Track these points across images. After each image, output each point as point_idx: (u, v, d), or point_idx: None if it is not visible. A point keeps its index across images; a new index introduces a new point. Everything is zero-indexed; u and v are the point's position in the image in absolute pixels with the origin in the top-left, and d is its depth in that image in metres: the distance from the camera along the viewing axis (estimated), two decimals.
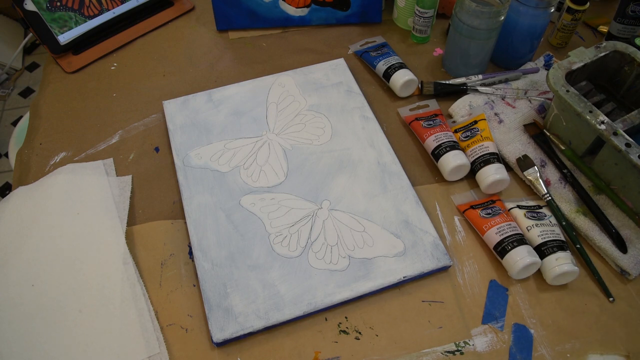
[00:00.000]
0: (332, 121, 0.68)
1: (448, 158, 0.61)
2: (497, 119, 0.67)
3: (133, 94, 0.74)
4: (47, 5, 0.74)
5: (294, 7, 0.81)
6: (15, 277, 0.54)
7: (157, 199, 0.62)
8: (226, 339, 0.50)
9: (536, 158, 0.63)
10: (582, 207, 0.59)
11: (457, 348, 0.51)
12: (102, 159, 0.66)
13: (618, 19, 0.74)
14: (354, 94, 0.71)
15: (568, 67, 0.60)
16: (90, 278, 0.54)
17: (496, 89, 0.70)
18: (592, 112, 0.55)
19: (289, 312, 0.51)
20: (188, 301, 0.54)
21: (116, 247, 0.56)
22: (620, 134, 0.54)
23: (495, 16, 0.65)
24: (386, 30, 0.83)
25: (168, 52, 0.80)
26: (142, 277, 0.55)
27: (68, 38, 0.77)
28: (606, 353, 0.51)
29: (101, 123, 0.71)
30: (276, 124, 0.68)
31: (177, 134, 0.67)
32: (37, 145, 0.68)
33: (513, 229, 0.55)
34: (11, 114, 1.72)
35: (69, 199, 0.60)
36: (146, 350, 0.50)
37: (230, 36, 0.82)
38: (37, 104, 0.74)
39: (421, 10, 0.75)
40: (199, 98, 0.71)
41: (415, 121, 0.66)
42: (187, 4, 0.87)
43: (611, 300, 0.54)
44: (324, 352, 0.51)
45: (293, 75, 0.74)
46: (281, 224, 0.58)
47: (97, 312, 0.52)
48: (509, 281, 0.55)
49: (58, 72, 0.78)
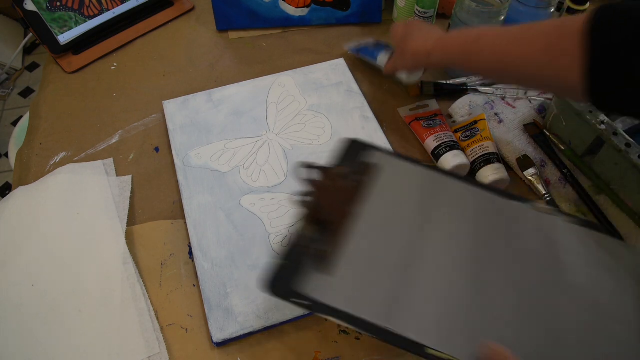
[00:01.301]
0: (332, 121, 0.68)
1: (448, 158, 0.61)
2: (497, 119, 0.67)
3: (133, 94, 0.74)
4: (47, 5, 0.74)
5: (294, 7, 0.81)
6: (15, 277, 0.54)
7: (157, 199, 0.62)
8: (226, 339, 0.50)
9: (536, 158, 0.63)
10: (582, 207, 0.59)
11: None
12: (102, 159, 0.66)
13: None
14: (354, 94, 0.71)
15: None
16: (90, 278, 0.54)
17: (496, 89, 0.70)
18: (592, 112, 0.55)
19: (289, 312, 0.51)
20: (188, 301, 0.54)
21: (116, 247, 0.56)
22: (620, 134, 0.54)
23: (495, 16, 0.65)
24: (386, 31, 0.83)
25: (168, 52, 0.80)
26: (142, 277, 0.55)
27: (68, 38, 0.77)
28: None
29: (101, 123, 0.71)
30: (276, 124, 0.68)
31: (177, 134, 0.67)
32: (37, 145, 0.68)
33: None
34: (11, 114, 1.72)
35: (69, 199, 0.60)
36: (146, 350, 0.50)
37: (230, 36, 0.82)
38: (37, 104, 0.74)
39: (421, 10, 0.75)
40: (199, 98, 0.71)
41: (415, 121, 0.66)
42: (187, 4, 0.87)
43: None
44: (324, 352, 0.50)
45: (293, 75, 0.74)
46: (281, 224, 0.58)
47: (97, 312, 0.52)
48: None
49: (58, 72, 0.78)
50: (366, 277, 0.45)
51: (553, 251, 0.47)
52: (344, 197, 0.49)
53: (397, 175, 0.53)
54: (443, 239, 0.48)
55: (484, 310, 0.43)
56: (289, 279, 0.44)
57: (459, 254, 0.47)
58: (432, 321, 0.42)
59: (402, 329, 0.42)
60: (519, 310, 0.43)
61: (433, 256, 0.46)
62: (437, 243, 0.47)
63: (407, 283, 0.44)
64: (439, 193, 0.51)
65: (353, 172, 0.52)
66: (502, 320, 0.42)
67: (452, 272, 0.45)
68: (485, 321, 0.42)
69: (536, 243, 0.47)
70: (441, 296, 0.44)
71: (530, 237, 0.48)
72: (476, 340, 0.41)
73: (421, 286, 0.44)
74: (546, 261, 0.46)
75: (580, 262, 0.46)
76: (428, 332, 0.41)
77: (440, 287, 0.44)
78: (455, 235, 0.48)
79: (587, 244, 0.47)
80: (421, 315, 0.42)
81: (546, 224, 0.48)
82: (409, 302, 0.43)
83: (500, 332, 0.42)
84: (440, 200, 0.51)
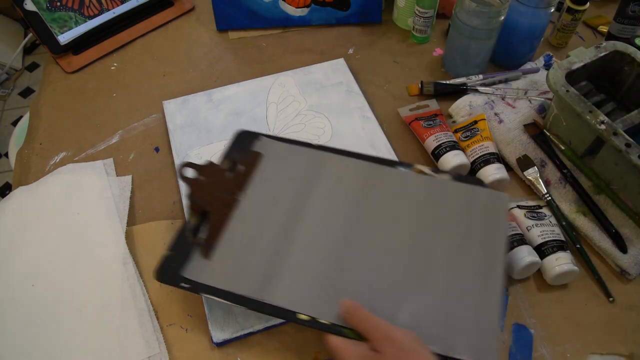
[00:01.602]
0: (332, 121, 0.68)
1: (448, 158, 0.61)
2: (497, 119, 0.67)
3: (133, 94, 0.74)
4: (47, 5, 0.74)
5: (294, 7, 0.81)
6: (15, 277, 0.54)
7: (157, 199, 0.62)
8: (226, 339, 0.50)
9: (536, 158, 0.63)
10: (582, 207, 0.59)
11: None
12: (102, 159, 0.66)
13: (618, 19, 0.74)
14: (354, 94, 0.71)
15: (568, 67, 0.60)
16: (90, 278, 0.54)
17: (496, 89, 0.70)
18: (592, 112, 0.55)
19: None
20: (188, 301, 0.54)
21: (116, 247, 0.56)
22: (620, 134, 0.54)
23: (495, 16, 0.65)
24: (386, 31, 0.83)
25: (168, 52, 0.80)
26: (142, 277, 0.55)
27: (68, 38, 0.77)
28: (606, 353, 0.51)
29: (101, 123, 0.71)
30: (276, 124, 0.68)
31: (177, 134, 0.67)
32: (37, 145, 0.68)
33: (513, 229, 0.55)
34: (11, 114, 1.72)
35: (69, 199, 0.60)
36: (146, 350, 0.50)
37: (230, 36, 0.82)
38: (37, 104, 0.74)
39: (421, 10, 0.75)
40: (199, 98, 0.71)
41: (415, 121, 0.66)
42: (187, 4, 0.87)
43: (611, 300, 0.54)
44: (323, 353, 0.50)
45: (293, 75, 0.74)
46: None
47: (97, 312, 0.52)
48: (509, 281, 0.55)
49: (58, 72, 0.78)
50: (243, 257, 0.51)
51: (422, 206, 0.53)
52: (225, 188, 0.55)
53: (283, 158, 0.58)
54: (320, 212, 0.53)
55: (348, 272, 0.49)
56: (177, 267, 0.50)
57: (334, 225, 0.52)
58: (302, 289, 0.48)
59: (275, 300, 0.47)
60: (377, 266, 0.49)
61: (308, 230, 0.52)
62: (314, 217, 0.53)
63: (281, 258, 0.50)
64: (323, 170, 0.57)
65: (239, 162, 0.58)
66: (363, 279, 0.48)
67: (325, 242, 0.51)
68: (348, 282, 0.48)
69: (409, 201, 0.54)
70: (311, 266, 0.49)
71: (404, 197, 0.54)
72: (336, 298, 0.46)
73: (293, 259, 0.50)
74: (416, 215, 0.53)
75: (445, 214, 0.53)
76: (299, 300, 0.47)
77: (311, 258, 0.50)
78: (332, 208, 0.53)
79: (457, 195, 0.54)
80: (292, 285, 0.48)
81: (421, 183, 0.55)
82: (281, 275, 0.49)
83: (360, 288, 0.48)
84: (323, 177, 0.56)
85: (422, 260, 0.49)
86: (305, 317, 0.46)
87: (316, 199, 0.54)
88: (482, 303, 0.46)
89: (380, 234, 0.51)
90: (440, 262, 0.49)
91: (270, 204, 0.54)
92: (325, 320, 0.45)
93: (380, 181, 0.56)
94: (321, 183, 0.56)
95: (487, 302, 0.46)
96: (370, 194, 0.55)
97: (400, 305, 0.46)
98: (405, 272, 0.48)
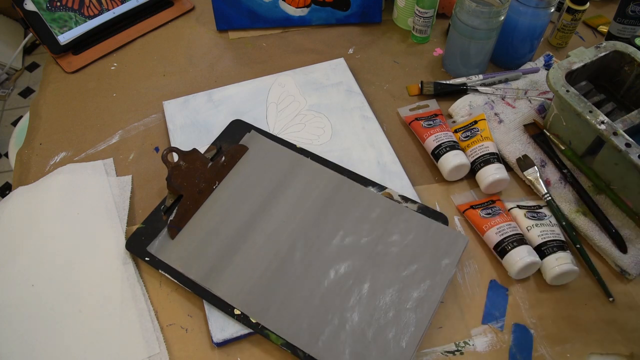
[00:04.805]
0: (332, 121, 0.68)
1: (448, 158, 0.61)
2: (497, 119, 0.67)
3: (133, 94, 0.74)
4: (47, 5, 0.74)
5: (294, 7, 0.81)
6: (15, 277, 0.54)
7: (157, 199, 0.62)
8: (226, 339, 0.50)
9: (536, 158, 0.63)
10: (582, 207, 0.59)
11: (457, 348, 0.51)
12: (102, 159, 0.66)
13: (618, 19, 0.74)
14: (354, 94, 0.71)
15: (568, 67, 0.60)
16: (90, 278, 0.54)
17: (496, 89, 0.70)
18: (592, 112, 0.55)
19: None
20: (188, 301, 0.54)
21: (116, 247, 0.56)
22: (620, 134, 0.54)
23: (495, 16, 0.65)
24: (386, 31, 0.83)
25: (168, 52, 0.80)
26: (142, 277, 0.55)
27: (68, 38, 0.77)
28: (606, 353, 0.51)
29: (101, 123, 0.71)
30: (276, 123, 0.68)
31: (177, 134, 0.67)
32: (37, 145, 0.68)
33: (513, 229, 0.55)
34: (11, 114, 1.72)
35: (69, 199, 0.60)
36: (146, 350, 0.50)
37: (230, 36, 0.82)
38: (37, 104, 0.74)
39: (421, 10, 0.75)
40: (199, 98, 0.71)
41: (415, 121, 0.66)
42: (187, 4, 0.87)
43: (611, 300, 0.54)
44: None
45: (293, 75, 0.74)
46: None
47: (97, 312, 0.52)
48: (509, 281, 0.55)
49: (58, 72, 0.78)
50: (201, 245, 0.55)
51: (380, 230, 0.55)
52: (203, 176, 0.59)
53: (265, 156, 0.62)
54: (280, 216, 0.56)
55: (288, 280, 0.52)
56: (145, 241, 0.55)
57: (288, 231, 0.55)
58: (242, 287, 0.52)
59: (217, 290, 0.51)
60: (317, 279, 0.52)
61: (263, 232, 0.55)
62: (273, 220, 0.56)
63: (232, 253, 0.54)
64: (298, 175, 0.60)
65: (224, 151, 0.61)
66: (301, 290, 0.51)
67: (274, 247, 0.54)
68: (286, 290, 0.51)
69: (369, 223, 0.56)
70: (255, 267, 0.53)
71: (365, 217, 0.56)
72: (271, 302, 0.50)
73: (242, 257, 0.53)
74: (372, 237, 0.55)
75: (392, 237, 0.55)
76: (237, 296, 0.51)
77: (257, 259, 0.53)
78: (292, 215, 0.56)
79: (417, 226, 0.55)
80: (234, 281, 0.52)
81: (386, 207, 0.57)
82: (228, 270, 0.53)
83: (296, 298, 0.51)
84: (295, 182, 0.59)
85: (359, 281, 0.52)
86: (238, 312, 0.50)
87: (282, 203, 0.57)
88: (402, 336, 0.48)
89: (330, 248, 0.54)
90: (376, 287, 0.51)
91: (239, 199, 0.58)
92: (254, 320, 0.50)
93: (348, 197, 0.58)
94: (292, 188, 0.59)
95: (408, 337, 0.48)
96: (332, 208, 0.57)
97: (331, 320, 0.49)
98: (340, 290, 0.51)
